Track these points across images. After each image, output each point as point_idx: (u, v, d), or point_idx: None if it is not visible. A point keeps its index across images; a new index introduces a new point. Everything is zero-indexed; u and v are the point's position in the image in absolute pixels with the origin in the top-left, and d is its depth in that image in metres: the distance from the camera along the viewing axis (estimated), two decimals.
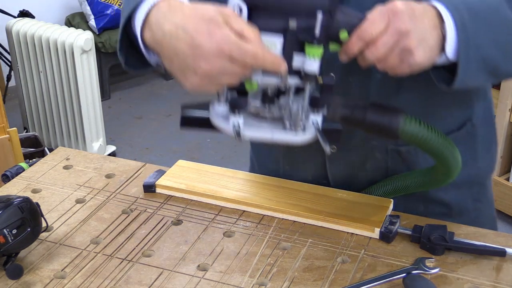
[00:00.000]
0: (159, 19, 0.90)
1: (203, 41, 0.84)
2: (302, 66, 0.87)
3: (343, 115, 0.96)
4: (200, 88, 0.88)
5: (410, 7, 0.88)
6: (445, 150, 1.00)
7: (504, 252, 1.06)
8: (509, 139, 2.82)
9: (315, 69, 0.87)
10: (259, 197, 1.21)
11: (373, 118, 0.95)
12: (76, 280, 1.04)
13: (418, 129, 0.96)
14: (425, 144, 0.97)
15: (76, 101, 3.32)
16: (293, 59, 0.87)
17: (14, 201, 1.03)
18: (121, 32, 1.00)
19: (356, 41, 0.88)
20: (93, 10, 3.95)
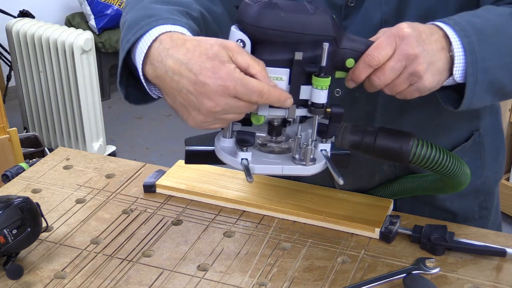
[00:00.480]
0: (161, 53, 0.86)
1: (207, 78, 0.81)
2: (309, 97, 0.85)
3: (352, 142, 0.95)
4: (204, 125, 0.86)
5: (418, 30, 0.87)
6: (457, 170, 0.98)
7: (504, 252, 1.06)
8: (509, 139, 2.81)
9: (323, 101, 0.85)
10: (259, 197, 1.21)
11: (384, 143, 0.93)
12: (76, 280, 1.04)
13: (429, 152, 0.95)
14: (437, 166, 0.96)
15: (76, 101, 3.32)
16: (300, 91, 0.84)
17: (14, 201, 1.03)
18: (120, 65, 0.96)
19: (364, 68, 0.87)
20: (93, 10, 3.95)
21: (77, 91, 3.28)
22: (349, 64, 0.87)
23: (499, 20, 0.93)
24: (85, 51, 3.22)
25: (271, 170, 0.89)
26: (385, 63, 0.87)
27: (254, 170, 0.87)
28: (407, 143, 0.94)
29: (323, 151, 0.91)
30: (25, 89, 3.54)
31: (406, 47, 0.86)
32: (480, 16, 0.93)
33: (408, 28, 0.86)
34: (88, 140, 3.39)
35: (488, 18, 0.93)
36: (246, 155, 0.87)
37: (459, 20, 0.90)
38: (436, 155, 0.96)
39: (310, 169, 0.90)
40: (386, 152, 0.94)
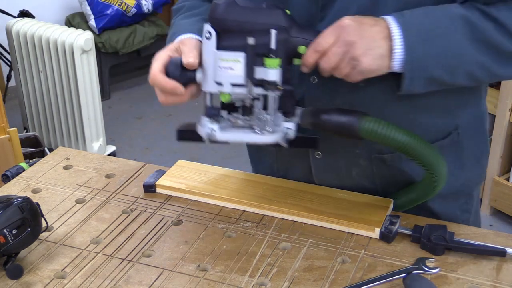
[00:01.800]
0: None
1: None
2: (264, 77, 1.00)
3: (313, 122, 1.06)
4: (164, 102, 1.08)
5: (358, 21, 0.99)
6: (414, 144, 1.03)
7: (504, 252, 1.06)
8: (509, 139, 2.81)
9: (274, 78, 1.00)
10: (259, 197, 1.21)
11: (338, 119, 1.04)
12: (76, 280, 1.04)
13: (380, 128, 1.02)
14: (388, 140, 1.03)
15: (76, 101, 3.32)
16: (255, 71, 1.00)
17: (14, 201, 1.03)
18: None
19: (312, 53, 1.00)
20: (93, 10, 3.95)
21: (77, 91, 3.28)
22: (302, 51, 1.01)
23: (448, 23, 1.00)
24: (85, 51, 3.22)
25: (232, 137, 1.05)
26: (329, 49, 0.99)
27: (217, 137, 1.04)
28: (357, 118, 1.03)
29: (286, 128, 1.05)
30: (25, 89, 3.54)
31: (345, 35, 0.98)
32: (432, 17, 1.00)
33: (349, 19, 0.99)
34: (88, 140, 3.39)
35: (439, 19, 1.00)
36: (213, 126, 1.04)
37: (409, 19, 0.99)
38: (388, 131, 1.02)
39: (266, 138, 1.04)
40: (340, 127, 1.05)
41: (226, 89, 1.02)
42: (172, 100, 1.07)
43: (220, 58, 1.01)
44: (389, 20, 1.00)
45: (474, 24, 1.00)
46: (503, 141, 2.80)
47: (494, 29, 1.00)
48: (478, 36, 1.00)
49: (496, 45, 1.01)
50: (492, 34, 1.01)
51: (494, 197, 2.90)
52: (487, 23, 1.00)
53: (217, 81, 1.02)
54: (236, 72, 1.01)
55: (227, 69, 1.01)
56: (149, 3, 4.08)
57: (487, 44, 1.01)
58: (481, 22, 1.00)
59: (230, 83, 1.02)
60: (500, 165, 2.85)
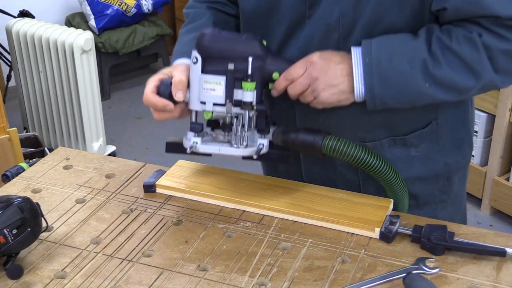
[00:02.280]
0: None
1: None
2: (241, 98, 1.14)
3: (283, 139, 1.19)
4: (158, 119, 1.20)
5: (326, 59, 1.13)
6: (379, 166, 1.15)
7: (504, 252, 1.06)
8: (509, 139, 2.81)
9: (251, 99, 1.14)
10: (259, 197, 1.21)
11: (303, 138, 1.18)
12: (76, 280, 1.04)
13: (340, 146, 1.15)
14: (347, 157, 1.15)
15: (76, 101, 3.32)
16: (234, 93, 1.14)
17: (14, 201, 1.03)
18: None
19: (282, 81, 1.15)
20: (93, 10, 3.95)
21: (77, 91, 3.27)
22: (275, 77, 1.16)
23: (408, 69, 1.10)
24: (85, 51, 3.21)
25: (212, 150, 1.17)
26: (296, 79, 1.14)
27: (199, 149, 1.17)
28: (319, 137, 1.16)
29: (260, 144, 1.17)
30: (25, 89, 3.54)
31: (312, 70, 1.13)
32: (396, 59, 1.10)
33: (318, 57, 1.13)
34: (88, 140, 3.39)
35: (401, 62, 1.10)
36: (196, 139, 1.17)
37: (373, 59, 1.11)
38: (343, 147, 1.15)
39: (241, 151, 1.16)
40: (305, 145, 1.18)
41: (208, 108, 1.15)
42: (164, 116, 1.18)
43: (205, 81, 1.14)
44: (354, 58, 1.12)
45: (434, 69, 1.10)
46: (503, 141, 2.80)
47: (452, 71, 1.10)
48: (437, 80, 1.10)
49: (454, 85, 1.12)
50: (451, 77, 1.10)
51: (494, 197, 2.90)
52: (447, 66, 1.09)
53: (202, 100, 1.15)
54: (218, 93, 1.14)
55: (210, 90, 1.14)
56: (149, 3, 4.08)
57: (445, 86, 1.12)
58: (440, 67, 1.09)
59: (212, 102, 1.15)
60: (500, 165, 2.85)
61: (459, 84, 1.12)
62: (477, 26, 1.09)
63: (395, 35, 1.12)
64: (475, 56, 1.09)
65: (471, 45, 1.09)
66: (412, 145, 1.25)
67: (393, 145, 1.25)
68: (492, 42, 1.08)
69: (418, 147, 1.25)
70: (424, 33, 1.11)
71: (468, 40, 1.09)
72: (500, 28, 1.08)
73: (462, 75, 1.11)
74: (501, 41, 1.08)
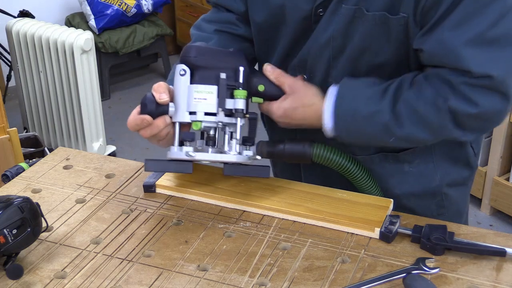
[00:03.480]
0: None
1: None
2: (233, 107, 1.15)
3: (268, 151, 1.24)
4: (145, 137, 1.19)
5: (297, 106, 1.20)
6: (359, 174, 1.22)
7: (504, 252, 1.06)
8: (509, 139, 2.81)
9: (242, 106, 1.15)
10: (259, 197, 1.21)
11: (291, 148, 1.23)
12: (76, 280, 1.04)
13: (328, 154, 1.21)
14: (333, 163, 1.21)
15: (76, 101, 3.32)
16: (226, 102, 1.15)
17: (14, 201, 1.03)
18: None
19: (263, 109, 1.23)
20: (93, 10, 3.95)
21: (77, 91, 3.27)
22: (261, 89, 1.20)
23: (370, 130, 1.15)
24: (85, 51, 3.21)
25: (206, 157, 1.16)
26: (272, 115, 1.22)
27: (195, 157, 1.14)
28: (308, 146, 1.22)
29: (247, 155, 1.18)
30: (25, 89, 3.54)
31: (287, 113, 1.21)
32: (358, 119, 1.15)
33: (280, 117, 1.21)
34: (88, 140, 3.39)
35: (370, 118, 1.14)
36: (188, 149, 1.15)
37: (340, 114, 1.16)
38: (331, 154, 1.21)
39: (232, 157, 1.16)
40: (294, 155, 1.23)
41: (199, 117, 1.14)
42: (149, 131, 1.16)
43: (196, 91, 1.14)
44: (326, 106, 1.17)
45: (396, 130, 1.13)
46: (503, 141, 2.80)
47: (414, 129, 1.12)
48: (399, 137, 1.14)
49: (416, 140, 1.16)
50: (413, 134, 1.13)
51: (494, 197, 2.90)
52: (410, 125, 1.12)
53: (191, 110, 1.14)
54: (210, 101, 1.14)
55: (201, 100, 1.14)
56: (149, 3, 4.08)
57: (408, 141, 1.17)
58: (402, 127, 1.12)
59: (203, 112, 1.14)
60: (500, 165, 2.85)
61: (420, 140, 1.16)
62: (449, 87, 1.09)
63: (368, 88, 1.16)
64: (439, 121, 1.12)
65: (437, 110, 1.11)
66: (405, 161, 1.26)
67: (385, 160, 1.26)
68: (459, 106, 1.09)
69: (412, 163, 1.26)
70: (394, 90, 1.14)
71: (434, 105, 1.11)
72: (470, 90, 1.08)
73: (425, 133, 1.14)
74: (469, 105, 1.09)
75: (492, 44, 1.06)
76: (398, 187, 1.27)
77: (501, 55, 1.07)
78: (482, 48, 1.06)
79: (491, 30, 1.05)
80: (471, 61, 1.06)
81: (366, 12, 1.11)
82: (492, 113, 1.11)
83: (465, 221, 1.41)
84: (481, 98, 1.08)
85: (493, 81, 1.07)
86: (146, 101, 1.16)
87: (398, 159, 1.26)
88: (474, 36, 1.05)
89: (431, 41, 1.08)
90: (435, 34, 1.08)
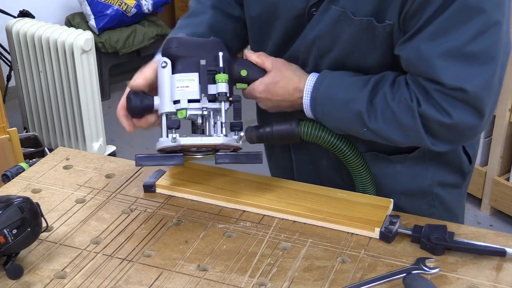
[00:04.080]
0: None
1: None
2: (216, 91, 1.15)
3: (257, 135, 1.24)
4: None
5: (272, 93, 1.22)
6: (348, 151, 1.22)
7: (504, 252, 1.06)
8: (509, 139, 2.81)
9: (224, 90, 1.15)
10: (259, 197, 1.21)
11: (279, 128, 1.23)
12: (76, 280, 1.04)
13: (316, 131, 1.21)
14: (322, 140, 1.21)
15: (76, 101, 3.32)
16: (208, 88, 1.15)
17: (14, 201, 1.03)
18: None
19: (247, 95, 1.25)
20: (93, 10, 3.94)
21: (77, 91, 3.27)
22: (243, 74, 1.22)
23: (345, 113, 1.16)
24: (85, 51, 3.21)
25: (193, 141, 1.14)
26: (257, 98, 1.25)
27: (180, 141, 1.13)
28: (295, 125, 1.22)
29: (234, 138, 1.18)
30: (25, 89, 3.54)
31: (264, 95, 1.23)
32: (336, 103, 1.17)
33: (262, 92, 1.22)
34: (88, 140, 3.39)
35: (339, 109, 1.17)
36: (175, 135, 1.13)
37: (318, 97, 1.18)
38: (323, 134, 1.21)
39: (219, 139, 1.15)
40: (283, 135, 1.23)
41: (183, 105, 1.14)
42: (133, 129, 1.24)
43: (177, 79, 1.15)
44: (306, 88, 1.19)
45: (369, 121, 1.14)
46: (503, 141, 2.80)
47: (386, 126, 1.13)
48: (371, 130, 1.15)
49: (386, 138, 1.16)
50: (384, 131, 1.14)
51: (494, 197, 2.90)
52: (383, 121, 1.13)
53: (175, 99, 1.15)
54: (192, 89, 1.15)
55: (184, 88, 1.15)
56: (149, 3, 4.08)
57: (379, 136, 1.16)
58: (375, 120, 1.13)
59: (187, 99, 1.14)
60: (500, 165, 2.85)
61: (391, 138, 1.16)
62: (423, 92, 1.10)
63: (350, 77, 1.17)
64: (410, 123, 1.12)
65: (409, 111, 1.11)
66: (397, 162, 1.27)
67: (376, 159, 1.26)
68: (431, 113, 1.10)
69: (404, 163, 1.27)
70: (374, 82, 1.15)
71: (407, 107, 1.11)
72: (443, 98, 1.08)
73: (396, 133, 1.14)
74: (440, 114, 1.09)
75: (468, 59, 1.06)
76: (389, 186, 1.27)
77: (477, 71, 1.07)
78: (457, 62, 1.06)
79: (468, 45, 1.05)
80: (444, 72, 1.07)
81: (353, 16, 1.11)
82: (465, 127, 1.11)
83: (461, 223, 1.41)
84: (454, 109, 1.08)
85: (467, 95, 1.07)
86: (131, 95, 1.19)
87: (390, 160, 1.26)
88: (450, 48, 1.06)
89: (409, 49, 1.09)
90: (413, 43, 1.08)
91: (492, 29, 1.06)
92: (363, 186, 1.24)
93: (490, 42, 1.06)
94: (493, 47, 1.07)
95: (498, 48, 1.08)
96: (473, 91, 1.07)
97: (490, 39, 1.06)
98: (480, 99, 1.08)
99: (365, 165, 1.23)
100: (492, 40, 1.06)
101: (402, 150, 1.26)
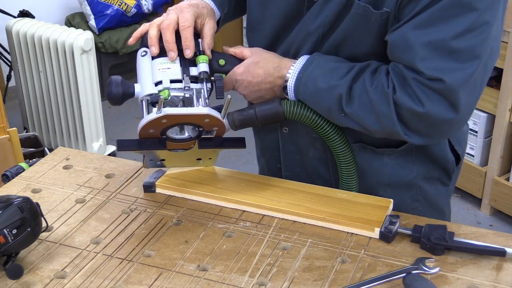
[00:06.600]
0: None
1: None
2: (197, 71, 1.17)
3: (240, 120, 1.24)
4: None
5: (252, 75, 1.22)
6: (330, 130, 1.22)
7: (504, 252, 1.06)
8: (509, 139, 2.81)
9: (206, 69, 1.17)
10: (259, 197, 1.21)
11: (262, 109, 1.23)
12: (76, 280, 1.04)
13: (297, 108, 1.21)
14: (306, 118, 1.21)
15: (76, 101, 3.32)
16: (190, 70, 1.17)
17: (14, 201, 1.03)
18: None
19: (227, 83, 1.25)
20: (93, 10, 3.95)
21: (77, 91, 3.27)
22: (222, 63, 1.24)
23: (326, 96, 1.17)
24: (85, 51, 3.21)
25: (176, 110, 1.11)
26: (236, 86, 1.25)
27: (166, 111, 1.09)
28: (277, 104, 1.22)
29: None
30: (25, 89, 3.54)
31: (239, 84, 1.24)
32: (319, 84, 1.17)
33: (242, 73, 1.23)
34: (88, 140, 3.39)
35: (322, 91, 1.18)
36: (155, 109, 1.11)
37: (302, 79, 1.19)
38: (302, 109, 1.21)
39: (203, 109, 1.11)
40: (266, 116, 1.23)
41: (165, 85, 1.13)
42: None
43: (159, 63, 1.16)
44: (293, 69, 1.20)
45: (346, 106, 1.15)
46: (503, 141, 2.80)
47: (361, 111, 1.14)
48: (347, 115, 1.16)
49: (361, 124, 1.16)
50: (359, 116, 1.14)
51: (494, 197, 2.90)
52: (358, 106, 1.14)
53: (157, 80, 1.14)
54: (174, 70, 1.15)
55: (166, 69, 1.15)
56: (149, 3, 4.08)
57: (355, 122, 1.16)
58: (351, 105, 1.14)
59: (169, 79, 1.14)
60: (500, 165, 2.85)
61: (366, 124, 1.16)
62: (401, 80, 1.11)
63: (336, 62, 1.18)
64: (384, 109, 1.12)
65: (384, 98, 1.12)
66: (384, 154, 1.27)
67: (363, 150, 1.27)
68: (404, 100, 1.10)
69: (391, 155, 1.27)
70: (357, 69, 1.16)
71: (383, 93, 1.12)
72: (419, 87, 1.09)
73: (370, 119, 1.14)
74: (414, 101, 1.10)
75: (452, 53, 1.07)
76: (375, 177, 1.28)
77: (459, 66, 1.07)
78: (439, 54, 1.07)
79: (454, 40, 1.06)
80: (424, 62, 1.07)
81: (358, 0, 1.12)
82: (436, 118, 1.11)
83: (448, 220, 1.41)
84: (427, 99, 1.09)
85: (444, 87, 1.07)
86: (112, 82, 1.16)
87: (377, 152, 1.27)
88: (435, 40, 1.06)
89: (395, 34, 1.10)
90: (401, 29, 1.09)
91: (481, 28, 1.06)
92: (348, 171, 1.24)
93: (477, 41, 1.07)
94: (479, 47, 1.07)
95: (484, 48, 1.08)
96: (451, 84, 1.07)
97: (477, 38, 1.06)
98: (456, 93, 1.08)
99: (348, 147, 1.23)
100: (479, 39, 1.07)
101: (391, 143, 1.26)
